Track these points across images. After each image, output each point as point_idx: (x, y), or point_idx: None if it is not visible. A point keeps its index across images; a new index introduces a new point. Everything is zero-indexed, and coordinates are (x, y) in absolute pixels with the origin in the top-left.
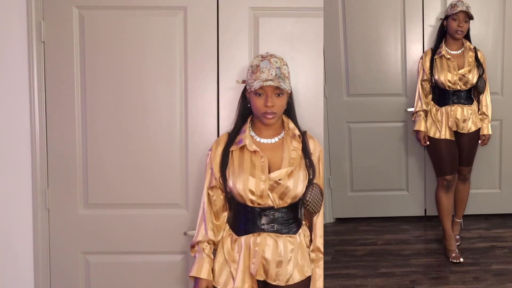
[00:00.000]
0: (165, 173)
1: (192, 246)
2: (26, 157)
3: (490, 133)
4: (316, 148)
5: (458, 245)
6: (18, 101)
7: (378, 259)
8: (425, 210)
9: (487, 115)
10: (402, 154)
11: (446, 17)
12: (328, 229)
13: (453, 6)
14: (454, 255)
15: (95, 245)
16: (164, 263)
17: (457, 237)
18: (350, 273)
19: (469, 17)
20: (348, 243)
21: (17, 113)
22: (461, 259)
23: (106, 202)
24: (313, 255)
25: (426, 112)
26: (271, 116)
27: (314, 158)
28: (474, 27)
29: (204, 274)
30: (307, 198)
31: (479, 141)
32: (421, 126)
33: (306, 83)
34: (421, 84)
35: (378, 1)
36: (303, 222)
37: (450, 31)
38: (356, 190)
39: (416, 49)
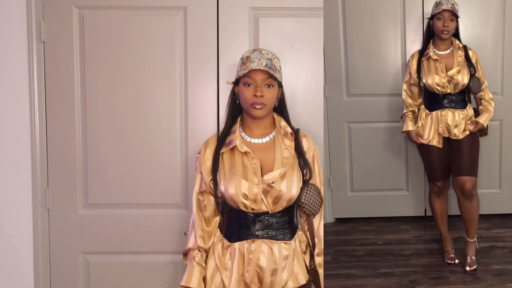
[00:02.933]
0: (165, 173)
1: (185, 254)
2: (26, 157)
3: (483, 124)
4: (310, 147)
5: (476, 268)
6: (18, 101)
7: (378, 259)
8: (425, 210)
9: (489, 110)
10: (402, 154)
11: (432, 17)
12: (328, 229)
13: (437, 4)
14: (450, 256)
15: (95, 245)
16: (164, 263)
17: (473, 258)
18: (350, 273)
19: (455, 15)
20: (348, 243)
21: (17, 113)
22: (457, 261)
23: (106, 202)
24: (319, 259)
25: (414, 113)
26: (259, 107)
27: (309, 157)
28: (474, 27)
29: (194, 283)
30: (303, 200)
31: (472, 128)
32: (408, 126)
33: (306, 83)
34: (409, 87)
35: (378, 1)
36: (299, 227)
37: (436, 31)
38: (356, 190)
39: (416, 49)
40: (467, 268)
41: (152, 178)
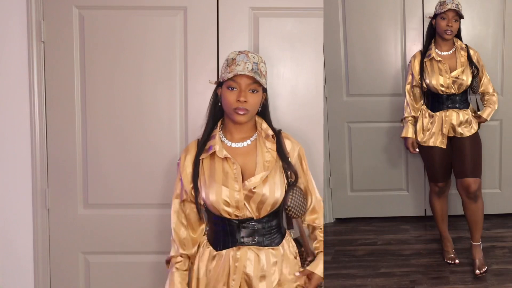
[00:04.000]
0: (165, 173)
1: (167, 262)
2: (26, 157)
3: (486, 118)
4: (294, 148)
5: (485, 271)
6: (18, 101)
7: (378, 259)
8: (425, 210)
9: (492, 105)
10: (402, 154)
11: (435, 16)
12: (328, 229)
13: (441, 3)
14: (450, 256)
15: (95, 245)
16: (164, 263)
17: (481, 260)
18: (350, 273)
19: (459, 15)
20: (348, 243)
21: (17, 113)
22: (457, 261)
23: (106, 202)
24: (316, 245)
25: (415, 118)
26: (242, 112)
27: (293, 158)
28: (474, 27)
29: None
30: (289, 203)
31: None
32: (408, 132)
33: (306, 83)
34: (412, 89)
35: (378, 1)
36: (287, 231)
37: (439, 30)
38: (356, 190)
39: (416, 49)
40: (477, 271)
41: (152, 178)
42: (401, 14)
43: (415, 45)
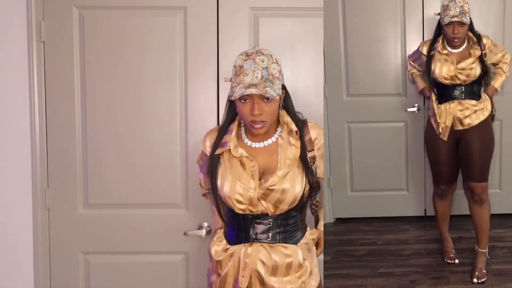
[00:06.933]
0: (165, 173)
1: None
2: (26, 157)
3: (497, 88)
4: (319, 137)
5: (484, 281)
6: (18, 101)
7: (378, 259)
8: (425, 210)
9: (504, 72)
10: (402, 154)
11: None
12: (328, 229)
13: (445, 9)
14: (450, 256)
15: (95, 245)
16: (164, 263)
17: (483, 270)
18: (350, 273)
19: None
20: (348, 243)
21: (17, 113)
22: (457, 260)
23: (106, 202)
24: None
25: (419, 72)
26: (259, 126)
27: (319, 144)
28: (474, 27)
29: None
30: (318, 199)
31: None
32: (423, 83)
33: (306, 83)
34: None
35: (378, 1)
36: (308, 228)
37: (447, 37)
38: (356, 190)
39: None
40: (475, 280)
41: (152, 178)
42: (401, 14)
43: (415, 45)
